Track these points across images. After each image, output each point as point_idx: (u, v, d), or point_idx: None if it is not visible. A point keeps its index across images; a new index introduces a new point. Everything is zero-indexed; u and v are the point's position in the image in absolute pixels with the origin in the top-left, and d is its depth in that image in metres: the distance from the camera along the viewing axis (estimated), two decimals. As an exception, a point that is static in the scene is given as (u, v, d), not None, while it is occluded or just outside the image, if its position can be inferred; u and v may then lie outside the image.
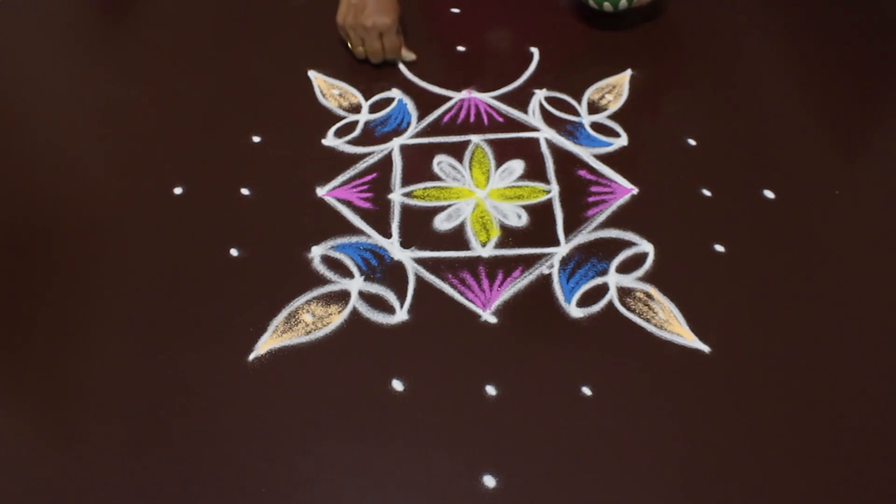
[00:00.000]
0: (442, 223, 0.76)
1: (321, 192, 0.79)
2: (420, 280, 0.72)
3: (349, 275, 0.72)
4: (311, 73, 0.90)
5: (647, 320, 0.68)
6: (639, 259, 0.73)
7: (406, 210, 0.77)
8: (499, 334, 0.68)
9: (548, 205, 0.77)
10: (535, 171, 0.80)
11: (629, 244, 0.74)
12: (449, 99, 0.87)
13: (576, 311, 0.69)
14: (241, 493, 0.60)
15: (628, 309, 0.69)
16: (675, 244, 0.74)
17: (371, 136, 0.84)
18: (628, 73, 0.89)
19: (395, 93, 0.88)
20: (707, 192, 0.78)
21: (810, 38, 0.93)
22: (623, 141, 0.82)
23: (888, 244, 0.73)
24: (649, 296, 0.70)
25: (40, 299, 0.71)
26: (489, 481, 0.60)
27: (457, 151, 0.82)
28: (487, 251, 0.74)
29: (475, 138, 0.83)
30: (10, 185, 0.81)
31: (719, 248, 0.73)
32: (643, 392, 0.64)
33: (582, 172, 0.80)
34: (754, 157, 0.81)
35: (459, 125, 0.84)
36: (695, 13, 0.96)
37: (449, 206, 0.77)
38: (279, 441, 0.62)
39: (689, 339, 0.67)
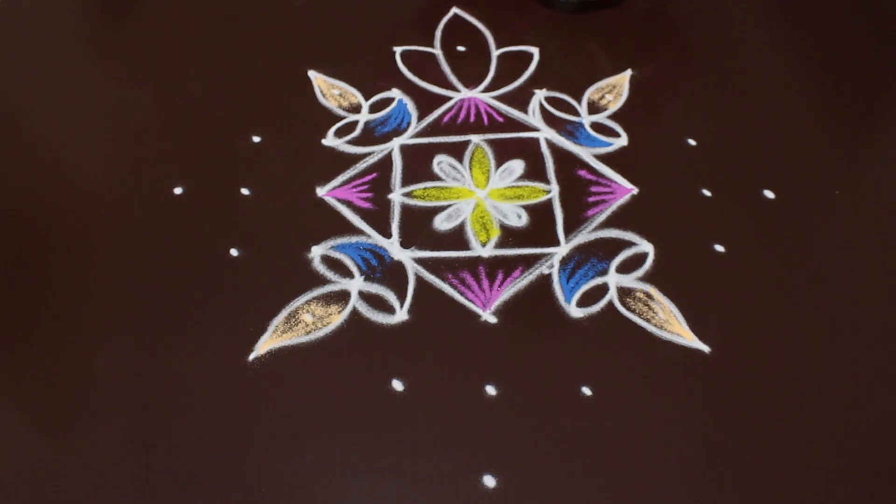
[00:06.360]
0: (442, 223, 0.76)
1: (321, 192, 0.79)
2: (420, 280, 0.72)
3: (349, 275, 0.72)
4: (311, 73, 0.90)
5: (647, 320, 0.68)
6: (639, 259, 0.73)
7: (406, 210, 0.77)
8: (499, 334, 0.68)
9: (548, 205, 0.77)
10: (535, 171, 0.80)
11: (629, 244, 0.74)
12: (449, 99, 0.87)
13: (576, 311, 0.69)
14: (241, 492, 0.60)
15: (628, 309, 0.69)
16: (675, 244, 0.74)
17: (371, 136, 0.84)
18: (628, 73, 0.89)
19: (395, 93, 0.88)
20: (707, 192, 0.78)
21: (811, 37, 0.93)
22: (623, 141, 0.82)
23: (888, 244, 0.73)
24: (649, 296, 0.70)
25: (40, 299, 0.71)
26: (489, 481, 0.60)
27: (457, 151, 0.82)
28: (487, 251, 0.74)
29: (475, 138, 0.83)
30: (10, 185, 0.81)
31: (719, 248, 0.73)
32: (643, 392, 0.64)
33: (582, 172, 0.80)
34: (754, 157, 0.81)
35: (459, 125, 0.84)
36: (695, 13, 0.96)
37: (449, 206, 0.77)
38: (279, 441, 0.62)
39: (689, 339, 0.67)
